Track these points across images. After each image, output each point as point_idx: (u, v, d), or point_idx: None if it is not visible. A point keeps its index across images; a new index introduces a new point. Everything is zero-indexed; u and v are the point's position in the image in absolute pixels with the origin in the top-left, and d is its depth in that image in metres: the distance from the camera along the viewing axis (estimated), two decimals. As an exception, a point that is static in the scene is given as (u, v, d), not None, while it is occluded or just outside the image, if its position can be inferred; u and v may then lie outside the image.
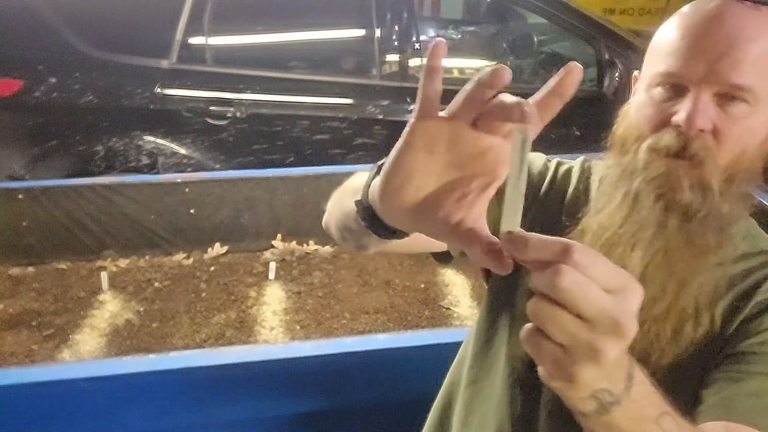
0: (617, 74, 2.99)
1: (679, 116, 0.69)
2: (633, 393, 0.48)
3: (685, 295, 0.72)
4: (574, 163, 0.93)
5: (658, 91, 0.72)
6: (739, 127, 0.69)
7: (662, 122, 0.71)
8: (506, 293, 0.89)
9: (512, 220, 0.44)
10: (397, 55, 2.99)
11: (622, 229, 0.73)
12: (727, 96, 0.69)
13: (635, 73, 0.82)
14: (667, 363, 0.73)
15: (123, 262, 2.44)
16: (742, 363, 0.69)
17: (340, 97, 2.94)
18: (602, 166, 0.84)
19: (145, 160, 2.79)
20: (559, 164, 0.93)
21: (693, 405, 0.69)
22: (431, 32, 3.93)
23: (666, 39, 0.72)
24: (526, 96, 0.47)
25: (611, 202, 0.75)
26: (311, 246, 2.54)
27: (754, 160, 0.71)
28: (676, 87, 0.71)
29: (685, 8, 0.73)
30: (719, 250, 0.72)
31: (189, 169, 2.79)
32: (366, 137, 2.92)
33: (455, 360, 1.01)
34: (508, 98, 0.46)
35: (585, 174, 0.90)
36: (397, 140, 0.51)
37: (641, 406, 0.50)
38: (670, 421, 0.53)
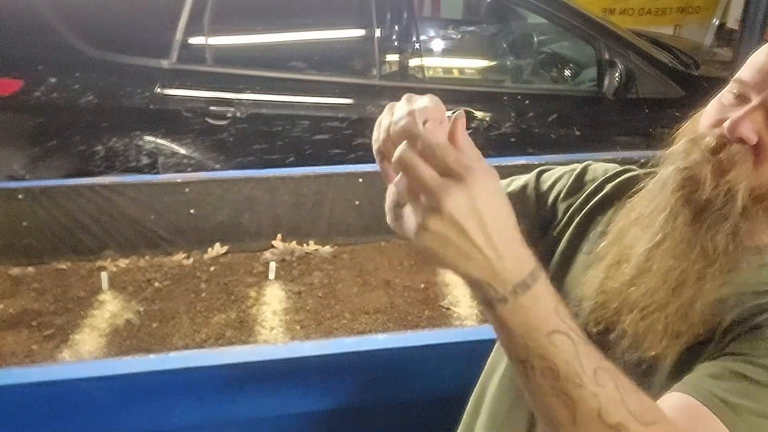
0: (617, 74, 2.99)
1: (730, 120, 0.70)
2: (524, 300, 0.53)
3: (683, 294, 0.71)
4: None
5: (727, 97, 0.73)
6: None
7: (716, 123, 0.72)
8: None
9: None
10: (397, 55, 2.99)
11: (646, 209, 0.76)
12: None
13: None
14: (657, 356, 0.73)
15: (123, 262, 2.44)
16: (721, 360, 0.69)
17: (340, 97, 2.94)
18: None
19: (145, 160, 2.79)
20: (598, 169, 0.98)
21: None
22: (431, 32, 3.92)
23: (757, 54, 0.73)
24: (526, 96, 0.48)
25: (649, 185, 0.78)
26: (311, 246, 2.54)
27: None
28: (742, 96, 0.71)
29: None
30: (730, 263, 0.71)
31: (189, 169, 2.79)
32: (366, 137, 2.90)
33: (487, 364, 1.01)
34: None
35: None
36: None
37: (532, 315, 0.54)
38: (565, 341, 0.54)
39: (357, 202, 2.54)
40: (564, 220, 0.93)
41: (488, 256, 0.52)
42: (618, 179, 0.92)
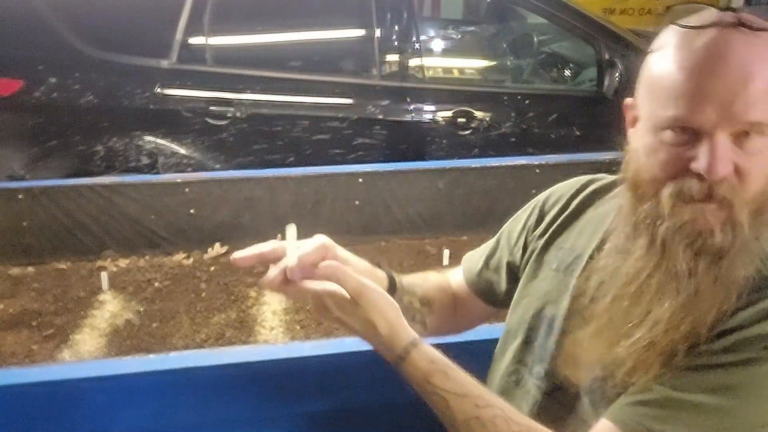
0: (617, 74, 2.99)
1: (700, 164, 0.67)
2: (410, 362, 0.79)
3: (692, 326, 0.71)
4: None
5: (669, 135, 0.70)
6: (759, 160, 0.68)
7: (679, 169, 0.70)
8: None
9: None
10: (397, 55, 2.99)
11: (653, 279, 0.72)
12: (744, 134, 0.67)
13: (627, 100, 0.81)
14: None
15: (123, 262, 2.44)
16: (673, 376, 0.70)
17: (340, 97, 2.94)
18: (615, 203, 0.85)
19: (145, 160, 2.79)
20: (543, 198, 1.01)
21: None
22: (431, 32, 3.92)
23: (668, 79, 0.69)
24: (526, 96, 0.49)
25: (634, 250, 0.75)
26: (311, 246, 2.54)
27: None
28: (687, 130, 0.69)
29: (678, 40, 0.70)
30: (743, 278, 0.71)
31: (189, 169, 2.79)
32: (366, 137, 2.91)
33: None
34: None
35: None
36: (397, 140, 0.67)
37: (418, 372, 0.78)
38: (440, 400, 0.77)
39: (357, 202, 2.54)
40: (530, 247, 0.97)
41: (370, 340, 0.82)
42: (582, 194, 0.94)
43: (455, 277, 1.13)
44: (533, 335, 0.90)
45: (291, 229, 0.88)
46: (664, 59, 0.71)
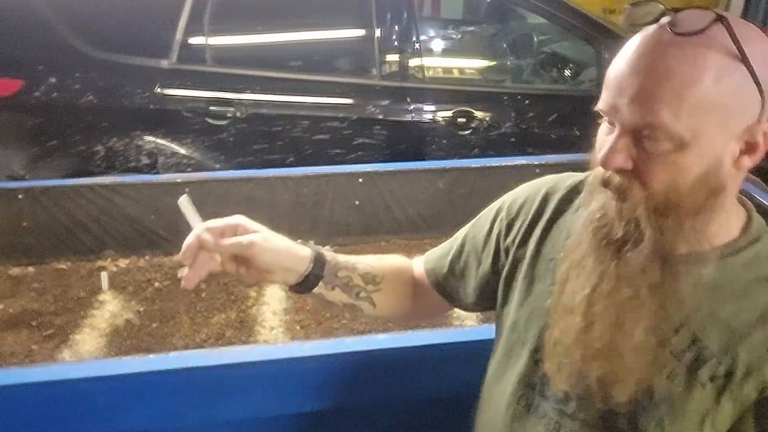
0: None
1: (600, 153, 0.72)
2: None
3: (632, 329, 0.72)
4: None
5: (604, 127, 0.75)
6: (657, 162, 0.69)
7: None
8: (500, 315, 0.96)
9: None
10: (397, 55, 2.99)
11: (577, 255, 0.78)
12: (641, 133, 0.69)
13: None
14: (637, 395, 0.74)
15: (123, 262, 2.44)
16: None
17: (340, 97, 2.94)
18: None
19: (145, 160, 2.79)
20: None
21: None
22: (431, 32, 3.92)
23: (608, 73, 0.73)
24: (526, 96, 0.49)
25: (579, 238, 0.79)
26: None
27: (692, 195, 0.69)
28: (612, 124, 0.72)
29: (629, 38, 0.72)
30: (675, 282, 0.72)
31: (189, 169, 2.79)
32: (366, 137, 2.91)
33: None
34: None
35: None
36: (397, 140, 0.68)
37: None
38: None
39: (357, 202, 2.54)
40: (510, 257, 0.95)
41: None
42: (555, 196, 0.93)
43: (417, 265, 1.11)
44: (541, 356, 0.85)
45: (184, 201, 0.93)
46: (617, 55, 0.74)
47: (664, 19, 0.69)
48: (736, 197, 0.77)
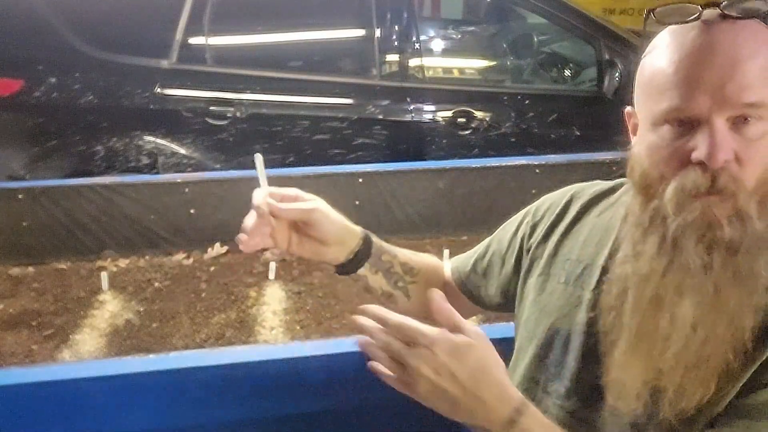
0: (617, 74, 2.99)
1: (700, 152, 0.67)
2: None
3: (736, 332, 0.68)
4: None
5: (667, 129, 0.70)
6: (760, 147, 0.67)
7: (682, 161, 0.69)
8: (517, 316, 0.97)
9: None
10: (397, 55, 2.99)
11: (667, 278, 0.70)
12: (741, 118, 0.67)
13: (627, 109, 0.82)
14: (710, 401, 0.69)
15: (123, 262, 2.44)
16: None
17: (340, 97, 2.93)
18: (624, 208, 0.84)
19: (145, 160, 2.79)
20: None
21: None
22: (431, 32, 3.92)
23: (660, 75, 0.70)
24: (526, 96, 0.49)
25: (645, 250, 0.72)
26: (311, 246, 2.54)
27: None
28: (684, 122, 0.69)
29: (668, 38, 0.71)
30: None
31: (189, 169, 2.79)
32: (366, 137, 2.91)
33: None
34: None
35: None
36: (397, 140, 0.66)
37: None
38: None
39: (357, 202, 2.54)
40: (529, 258, 0.95)
41: (471, 403, 0.68)
42: (578, 201, 0.92)
43: (447, 268, 1.13)
44: (546, 352, 0.86)
45: (258, 159, 0.91)
46: (655, 59, 0.72)
47: (708, 10, 0.68)
48: None
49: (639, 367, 0.72)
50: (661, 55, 0.71)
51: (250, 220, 0.86)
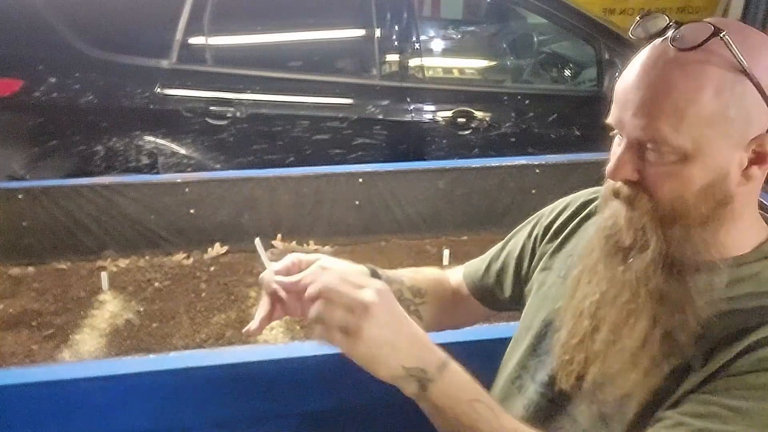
0: (617, 74, 2.98)
1: (608, 167, 0.75)
2: (447, 375, 0.70)
3: (634, 334, 0.73)
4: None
5: (616, 139, 0.76)
6: (662, 174, 0.70)
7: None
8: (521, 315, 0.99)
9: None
10: (397, 55, 2.99)
11: (589, 261, 0.80)
12: (645, 146, 0.70)
13: None
14: (629, 393, 0.74)
15: (123, 262, 2.44)
16: (700, 415, 0.68)
17: (340, 97, 2.94)
18: None
19: (145, 160, 2.79)
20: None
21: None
22: (431, 32, 3.92)
23: (617, 84, 0.74)
24: (526, 96, 0.49)
25: (592, 245, 0.82)
26: (311, 246, 2.54)
27: (699, 205, 0.70)
28: (620, 134, 0.74)
29: (638, 52, 0.74)
30: (682, 289, 0.71)
31: (189, 169, 2.79)
32: (366, 137, 2.91)
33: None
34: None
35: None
36: (397, 140, 0.68)
37: (456, 387, 0.71)
38: (483, 407, 0.70)
39: (357, 202, 2.54)
40: (538, 255, 0.98)
41: (413, 347, 0.70)
42: (593, 203, 0.94)
43: (455, 275, 1.13)
44: (539, 342, 0.90)
45: (258, 243, 0.88)
46: (625, 70, 0.76)
47: (669, 33, 0.69)
48: (762, 215, 0.78)
49: (561, 341, 0.82)
50: (628, 67, 0.75)
51: (263, 308, 0.82)
